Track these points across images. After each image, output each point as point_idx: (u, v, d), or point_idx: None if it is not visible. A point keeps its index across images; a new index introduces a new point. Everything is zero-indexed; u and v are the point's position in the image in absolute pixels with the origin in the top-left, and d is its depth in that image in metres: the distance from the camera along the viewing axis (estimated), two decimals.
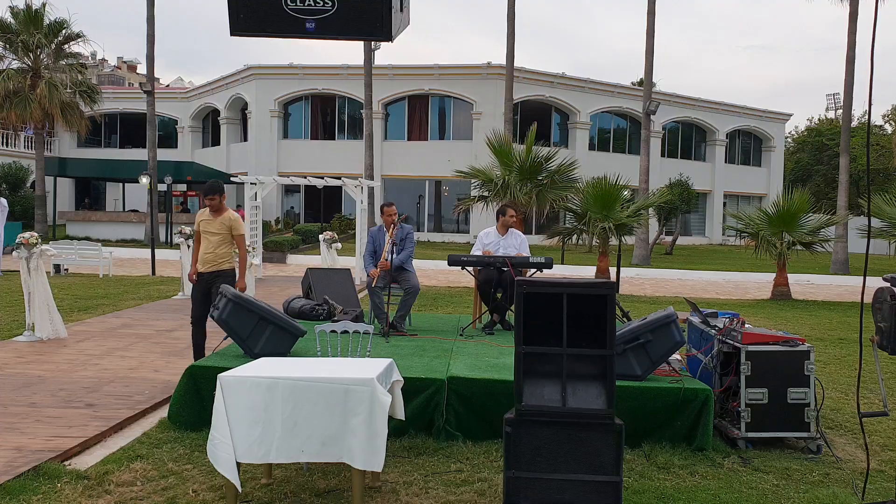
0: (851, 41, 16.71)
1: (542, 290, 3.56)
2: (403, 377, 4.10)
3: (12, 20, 19.31)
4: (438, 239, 25.66)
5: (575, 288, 3.56)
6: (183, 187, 26.42)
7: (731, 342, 4.74)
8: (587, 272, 14.99)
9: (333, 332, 4.43)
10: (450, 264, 6.79)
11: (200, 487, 3.73)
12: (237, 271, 5.83)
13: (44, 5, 19.45)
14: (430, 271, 15.64)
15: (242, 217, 19.45)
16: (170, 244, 19.76)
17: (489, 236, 7.19)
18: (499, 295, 6.89)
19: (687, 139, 30.85)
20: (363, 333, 4.41)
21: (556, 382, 3.55)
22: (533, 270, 6.92)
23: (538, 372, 3.58)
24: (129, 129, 30.45)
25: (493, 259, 6.68)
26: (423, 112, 26.22)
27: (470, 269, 6.93)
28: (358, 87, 25.54)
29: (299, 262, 16.71)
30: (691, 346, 5.43)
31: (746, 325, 4.97)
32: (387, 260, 6.47)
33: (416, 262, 12.59)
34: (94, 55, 40.87)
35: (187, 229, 9.59)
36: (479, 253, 7.03)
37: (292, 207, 28.35)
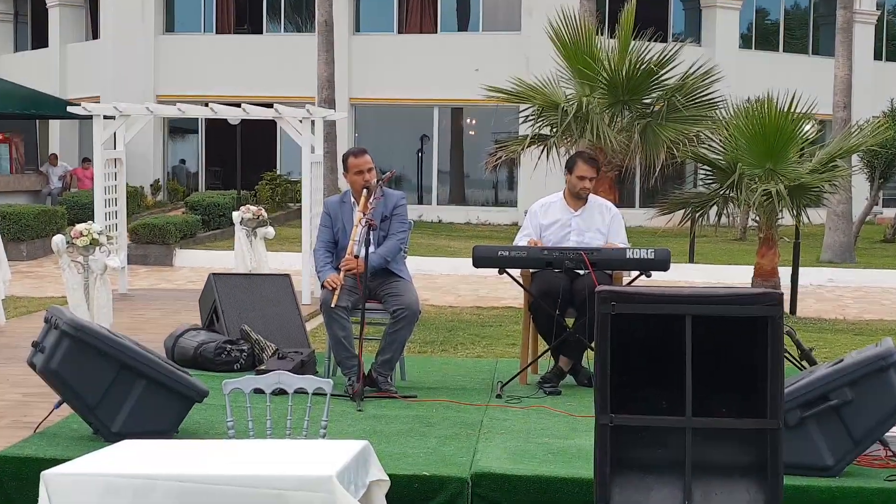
0: None
1: (646, 308, 3.62)
2: (391, 475, 4.13)
3: None
4: (457, 217, 25.79)
5: (710, 305, 3.61)
6: None
7: None
8: (736, 276, 14.99)
9: (259, 391, 4.49)
10: (476, 264, 6.84)
11: None
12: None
13: None
14: (442, 278, 15.73)
15: (88, 178, 19.56)
16: None
17: (550, 211, 7.25)
18: (569, 322, 6.92)
19: None
20: (314, 394, 4.46)
21: (674, 481, 3.59)
22: (634, 274, 6.95)
23: (640, 462, 3.63)
24: None
25: (558, 254, 6.72)
26: None
27: (514, 272, 6.97)
28: None
29: (196, 264, 16.86)
30: None
31: None
32: (357, 257, 6.52)
33: (413, 262, 12.63)
34: None
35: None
36: (524, 241, 7.10)
37: (183, 162, 28.60)
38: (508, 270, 6.80)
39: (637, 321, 3.57)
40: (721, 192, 11.30)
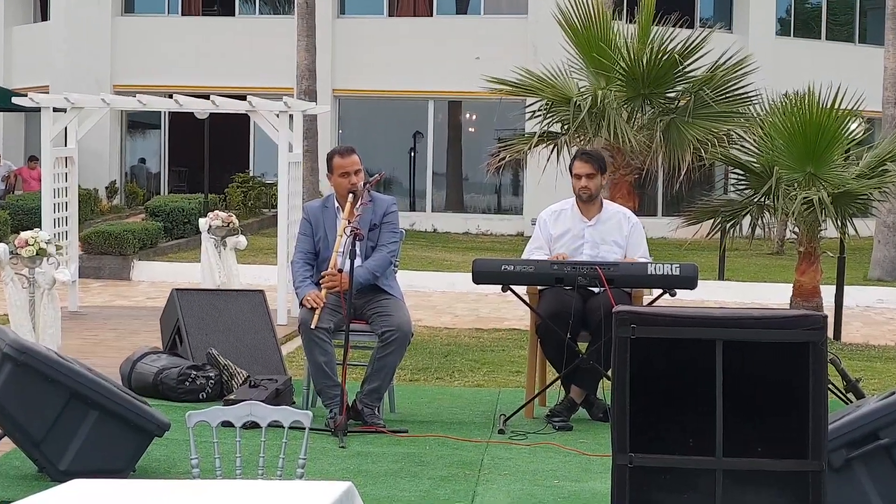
0: None
1: (670, 331, 3.62)
2: None
3: None
4: (455, 226, 25.84)
5: (743, 328, 3.62)
6: None
7: None
8: (773, 296, 15.00)
9: (228, 425, 4.48)
10: (476, 280, 6.85)
11: None
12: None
13: None
14: (437, 296, 15.72)
15: (34, 179, 19.51)
16: None
17: (560, 220, 7.27)
18: (582, 347, 6.91)
19: None
20: (291, 428, 4.45)
21: None
22: (656, 293, 6.94)
23: None
24: None
25: (570, 269, 6.72)
26: None
27: (520, 289, 6.97)
28: None
29: (157, 278, 16.84)
30: None
31: None
32: (341, 270, 6.52)
33: (405, 277, 12.61)
34: None
35: None
36: (539, 255, 7.12)
37: (143, 161, 28.62)
38: (513, 287, 6.80)
39: (660, 347, 3.57)
40: (755, 200, 11.29)
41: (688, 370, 3.59)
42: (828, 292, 11.79)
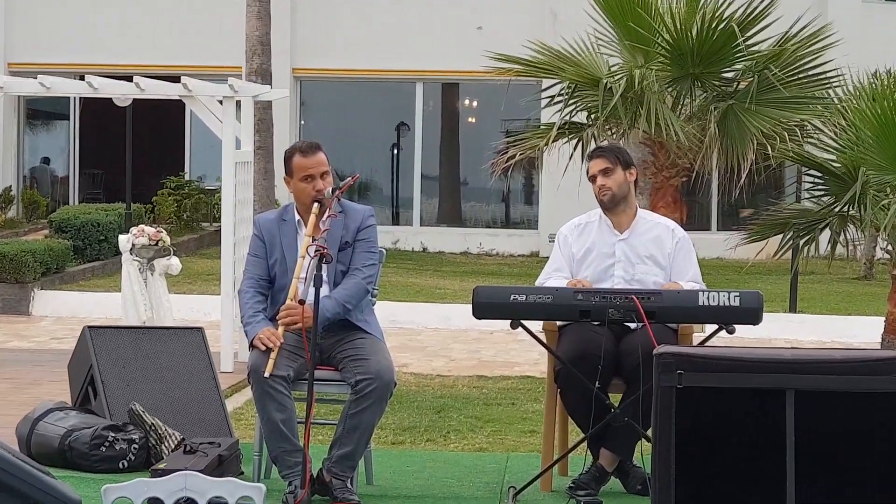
0: None
1: (728, 379, 3.62)
2: None
3: None
4: (450, 244, 25.83)
5: (821, 374, 3.64)
6: None
7: None
8: (859, 332, 14.93)
9: (157, 502, 4.48)
10: (478, 314, 6.83)
11: None
12: None
13: None
14: (428, 334, 15.66)
15: None
16: None
17: (585, 235, 7.29)
18: (614, 399, 6.91)
19: None
20: None
21: None
22: (710, 329, 6.93)
23: None
24: None
25: (598, 300, 6.72)
26: None
27: (534, 325, 6.96)
28: None
29: (65, 311, 16.78)
30: None
31: None
32: (303, 302, 6.52)
33: (385, 310, 12.56)
34: None
35: None
36: (559, 280, 7.15)
37: (47, 162, 28.65)
38: (525, 323, 6.78)
39: (714, 399, 3.57)
40: (836, 210, 11.30)
41: (750, 429, 3.59)
42: None
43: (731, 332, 6.72)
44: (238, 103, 11.93)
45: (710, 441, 3.65)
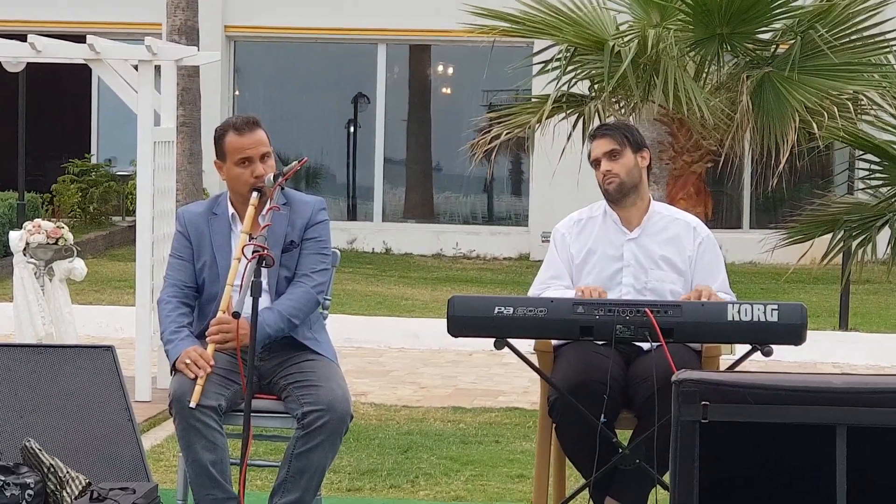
0: None
1: (763, 412, 3.64)
2: None
3: None
4: (420, 244, 25.87)
5: (877, 406, 3.65)
6: None
7: None
8: None
9: None
10: (454, 330, 6.83)
11: None
12: None
13: None
14: (392, 356, 15.71)
15: None
16: None
17: (587, 233, 7.35)
18: (622, 436, 6.93)
19: None
20: None
21: None
22: (740, 350, 6.95)
23: None
24: None
25: (603, 313, 6.73)
26: None
27: (522, 345, 6.97)
28: None
29: None
30: None
31: None
32: (238, 315, 6.52)
33: (341, 325, 12.53)
34: None
35: None
36: (555, 290, 7.19)
37: None
38: (512, 342, 6.79)
39: (746, 436, 3.58)
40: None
41: (791, 474, 3.60)
42: None
43: (767, 353, 6.73)
44: (157, 69, 11.92)
45: (742, 489, 3.67)
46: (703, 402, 3.64)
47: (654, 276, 7.16)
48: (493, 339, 6.73)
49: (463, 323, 6.76)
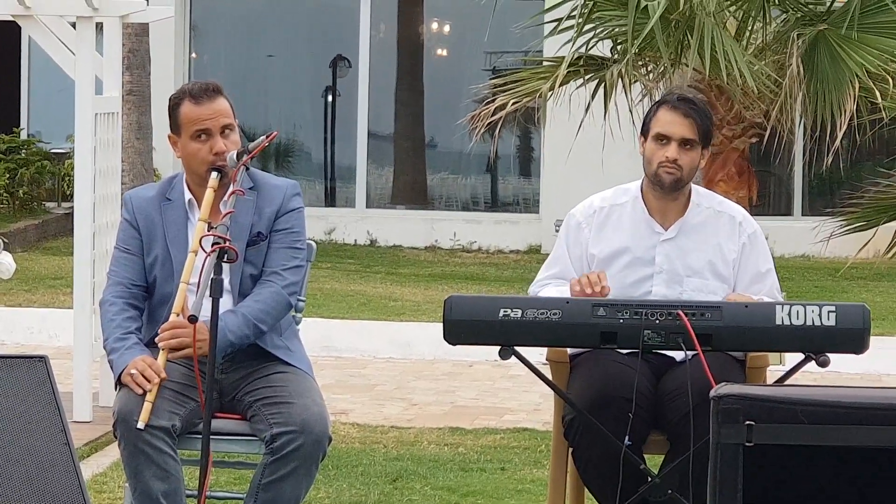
0: None
1: (817, 433, 3.65)
2: None
3: None
4: (411, 234, 25.89)
5: None
6: None
7: None
8: None
9: None
10: (452, 337, 6.84)
11: None
12: None
13: None
14: (377, 366, 15.80)
15: None
16: None
17: (611, 225, 7.36)
18: (652, 462, 6.94)
19: None
20: None
21: None
22: (790, 360, 6.95)
23: None
24: None
25: (628, 316, 6.72)
26: None
27: (532, 353, 6.97)
28: None
29: None
30: None
31: None
32: (195, 319, 6.52)
33: (317, 330, 12.55)
34: None
35: None
36: (556, 291, 7.20)
37: None
38: (520, 351, 6.79)
39: (798, 462, 3.59)
40: None
41: (849, 499, 3.60)
42: None
43: (823, 363, 6.73)
44: (99, 26, 11.91)
45: None
46: (748, 422, 3.64)
47: (691, 286, 7.13)
48: (498, 348, 6.74)
49: (462, 328, 6.76)
